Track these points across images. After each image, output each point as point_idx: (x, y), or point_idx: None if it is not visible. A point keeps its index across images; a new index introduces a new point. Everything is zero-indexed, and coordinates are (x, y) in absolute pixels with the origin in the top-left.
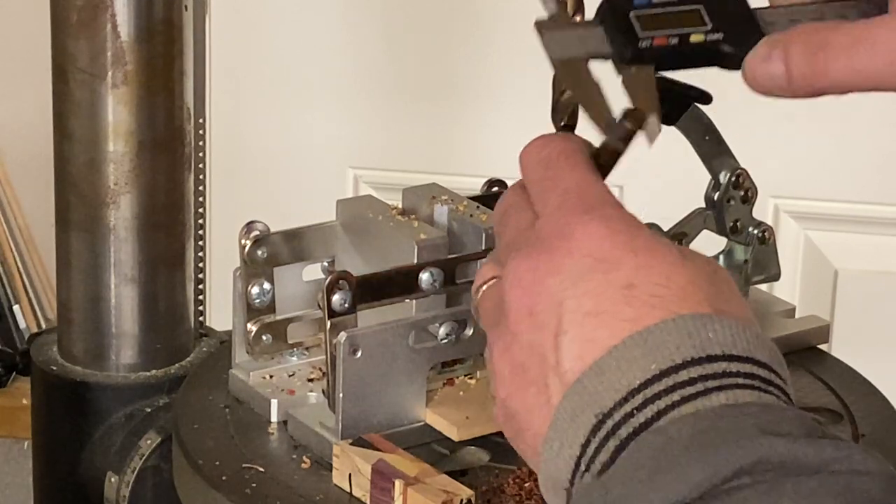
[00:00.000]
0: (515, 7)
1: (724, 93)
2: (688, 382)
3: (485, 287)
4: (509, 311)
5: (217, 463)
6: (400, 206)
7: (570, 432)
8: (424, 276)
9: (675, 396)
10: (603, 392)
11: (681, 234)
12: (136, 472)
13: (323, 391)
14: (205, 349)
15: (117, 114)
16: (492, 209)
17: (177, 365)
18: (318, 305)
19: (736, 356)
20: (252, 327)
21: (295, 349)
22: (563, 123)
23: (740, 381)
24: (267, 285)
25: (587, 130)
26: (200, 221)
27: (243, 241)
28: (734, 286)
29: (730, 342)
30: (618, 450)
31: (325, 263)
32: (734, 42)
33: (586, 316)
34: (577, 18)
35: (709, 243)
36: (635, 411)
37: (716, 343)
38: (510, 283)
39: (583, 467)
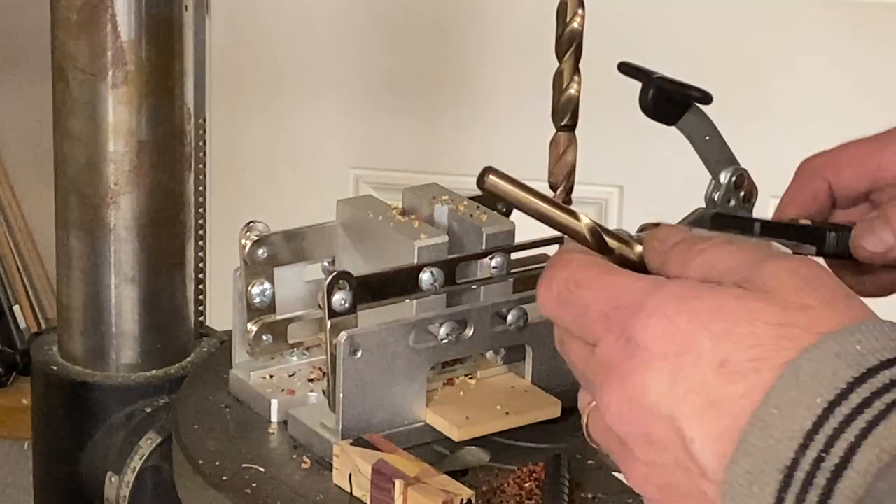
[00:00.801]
0: (516, 8)
1: (724, 93)
2: (864, 405)
3: (588, 413)
4: (628, 443)
5: (217, 463)
6: (400, 206)
7: (754, 497)
8: (424, 276)
9: (861, 423)
10: (776, 445)
11: None
12: (136, 472)
13: (323, 391)
14: (205, 349)
15: (117, 114)
16: (492, 209)
17: (177, 365)
18: (319, 305)
19: (893, 359)
20: (252, 327)
21: (295, 349)
22: (563, 123)
23: None
24: (267, 285)
25: (587, 130)
26: (200, 221)
27: (243, 241)
28: (827, 278)
29: (879, 346)
30: (822, 500)
31: (325, 263)
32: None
33: (702, 414)
34: (579, 14)
35: None
36: (823, 455)
37: (868, 353)
38: (614, 421)
39: None
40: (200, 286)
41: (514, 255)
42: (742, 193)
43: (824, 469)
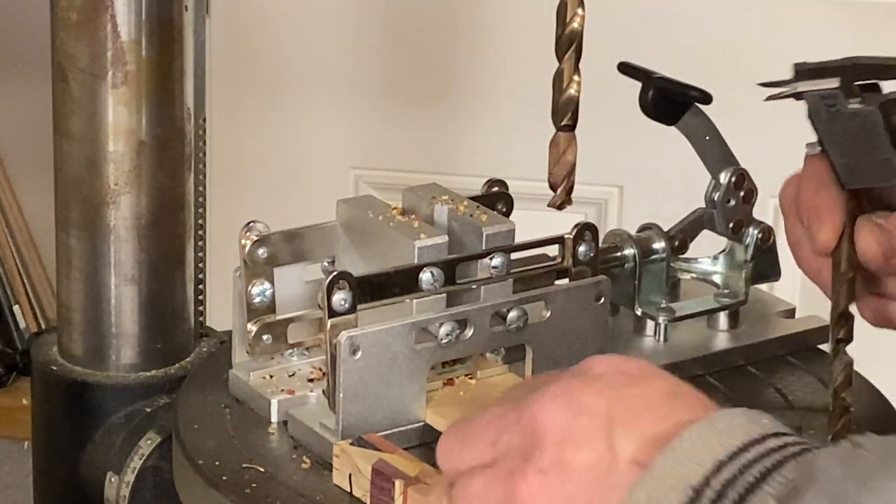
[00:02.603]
0: (516, 8)
1: (725, 93)
2: (780, 448)
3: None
4: (543, 433)
5: (217, 463)
6: (400, 206)
7: None
8: (425, 277)
9: (777, 457)
10: (683, 471)
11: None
12: (136, 472)
13: (323, 391)
14: (205, 349)
15: (117, 114)
16: (492, 209)
17: (177, 365)
18: (319, 305)
19: (788, 433)
20: (252, 327)
21: (295, 349)
22: (562, 123)
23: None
24: (267, 285)
25: (587, 130)
26: (200, 221)
27: (243, 241)
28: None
29: (778, 426)
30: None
31: (325, 263)
32: None
33: (640, 412)
34: (579, 14)
35: (709, 243)
36: (738, 474)
37: (771, 427)
38: (540, 406)
39: None
40: (200, 286)
41: (514, 255)
42: (742, 193)
43: (737, 485)
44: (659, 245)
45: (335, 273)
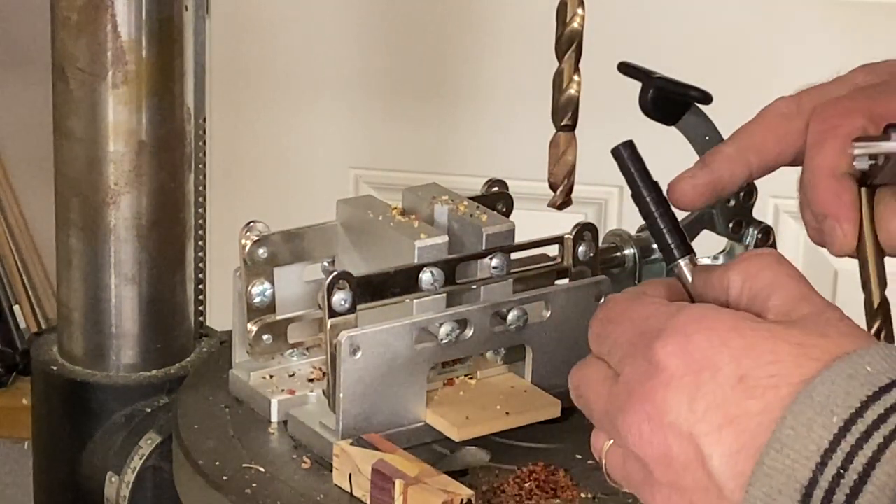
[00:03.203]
0: (515, 8)
1: (724, 93)
2: (879, 421)
3: (605, 454)
4: (648, 465)
5: (217, 463)
6: (400, 206)
7: None
8: (425, 277)
9: (878, 439)
10: (793, 465)
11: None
12: (136, 472)
13: (323, 391)
14: (205, 349)
15: (117, 114)
16: (492, 209)
17: (177, 365)
18: (319, 305)
19: None
20: (252, 327)
21: (295, 349)
22: (562, 123)
23: None
24: (267, 285)
25: (587, 130)
26: (200, 221)
27: (243, 241)
28: (820, 305)
29: (887, 367)
30: None
31: (325, 263)
32: None
33: (720, 430)
34: (579, 14)
35: (709, 243)
36: (842, 471)
37: (879, 374)
38: (634, 443)
39: None
40: (200, 286)
41: (514, 255)
42: (742, 193)
43: (843, 486)
44: None
45: (335, 273)
